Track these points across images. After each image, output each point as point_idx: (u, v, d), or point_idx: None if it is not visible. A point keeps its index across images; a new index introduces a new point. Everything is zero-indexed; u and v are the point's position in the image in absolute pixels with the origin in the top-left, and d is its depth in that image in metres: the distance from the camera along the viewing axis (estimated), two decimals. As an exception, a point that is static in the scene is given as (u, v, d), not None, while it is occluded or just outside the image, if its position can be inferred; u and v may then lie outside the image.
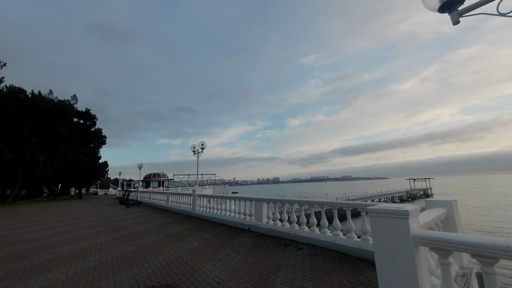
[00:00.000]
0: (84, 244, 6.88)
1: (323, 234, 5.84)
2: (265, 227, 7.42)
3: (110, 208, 17.65)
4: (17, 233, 8.98)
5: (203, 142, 12.23)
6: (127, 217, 12.33)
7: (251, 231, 7.89)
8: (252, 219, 8.19)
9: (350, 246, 5.09)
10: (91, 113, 38.89)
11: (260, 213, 7.79)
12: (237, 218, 8.82)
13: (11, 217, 14.18)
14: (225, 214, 9.57)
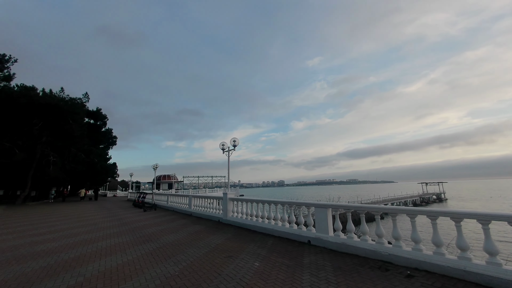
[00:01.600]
0: (112, 262, 5.44)
1: (440, 255, 4.28)
2: (335, 241, 5.89)
3: (126, 212, 16.32)
4: (28, 242, 7.63)
5: (235, 138, 10.82)
6: (150, 223, 10.92)
7: (312, 245, 6.36)
8: (312, 230, 6.66)
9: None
10: (102, 112, 38.02)
11: (325, 223, 6.27)
12: (289, 228, 7.30)
13: (21, 221, 12.94)
14: (271, 223, 8.06)
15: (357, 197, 51.68)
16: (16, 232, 9.54)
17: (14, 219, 13.85)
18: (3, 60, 24.31)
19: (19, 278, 4.56)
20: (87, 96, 28.81)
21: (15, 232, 9.55)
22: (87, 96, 28.82)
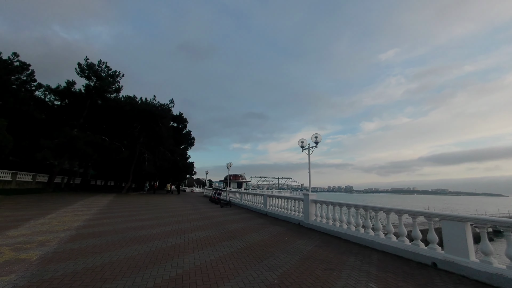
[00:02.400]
0: (205, 256, 5.30)
1: None
2: (484, 270, 4.20)
3: (205, 206, 17.38)
4: (133, 227, 8.52)
5: (317, 134, 9.83)
6: (230, 219, 11.02)
7: (440, 269, 4.79)
8: (436, 249, 5.07)
9: None
10: (183, 116, 42.94)
11: (461, 242, 4.63)
12: (399, 242, 5.82)
13: (127, 207, 15.20)
14: (370, 233, 6.71)
15: (477, 211, 42.00)
16: (124, 216, 11.06)
17: (122, 205, 16.46)
18: (115, 75, 30.21)
19: (128, 261, 4.80)
20: (173, 102, 32.99)
21: (124, 216, 11.07)
22: (173, 101, 33.01)
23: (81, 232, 7.20)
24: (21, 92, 28.53)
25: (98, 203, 16.82)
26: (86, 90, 28.93)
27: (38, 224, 8.21)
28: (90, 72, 28.55)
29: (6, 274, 3.90)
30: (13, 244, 5.65)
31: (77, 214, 10.87)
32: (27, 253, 5.05)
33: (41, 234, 6.82)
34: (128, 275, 4.08)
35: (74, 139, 23.45)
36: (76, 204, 15.48)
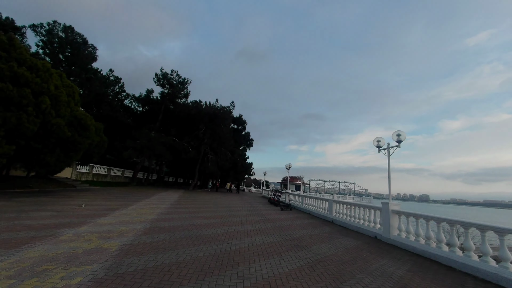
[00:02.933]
0: (273, 267, 4.69)
1: None
2: None
3: (264, 208, 17.08)
4: (199, 224, 8.65)
5: (400, 132, 8.15)
6: (292, 224, 10.25)
7: None
8: None
9: None
10: (242, 118, 44.39)
11: None
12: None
13: (194, 203, 16.12)
14: (490, 263, 4.94)
15: None
16: (191, 212, 11.56)
17: (189, 201, 17.61)
18: (184, 82, 33.35)
19: (194, 263, 4.58)
20: (233, 104, 34.41)
21: (191, 212, 11.59)
22: (233, 104, 34.42)
23: (154, 226, 7.61)
24: (114, 101, 34.37)
25: (170, 198, 18.44)
26: (161, 97, 32.84)
27: (121, 215, 9.17)
28: (164, 81, 32.27)
29: (90, 263, 4.12)
30: (100, 232, 6.24)
31: (152, 207, 11.92)
32: (109, 242, 5.43)
33: (122, 224, 7.48)
34: (194, 280, 3.79)
35: (151, 140, 26.71)
36: (152, 197, 17.29)
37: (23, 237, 5.28)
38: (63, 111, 13.64)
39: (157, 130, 30.77)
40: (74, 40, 30.32)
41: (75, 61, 30.03)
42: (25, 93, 11.06)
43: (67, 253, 4.50)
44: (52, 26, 28.62)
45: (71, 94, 15.95)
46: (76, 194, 15.25)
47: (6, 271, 3.56)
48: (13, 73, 10.91)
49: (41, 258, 4.17)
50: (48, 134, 12.35)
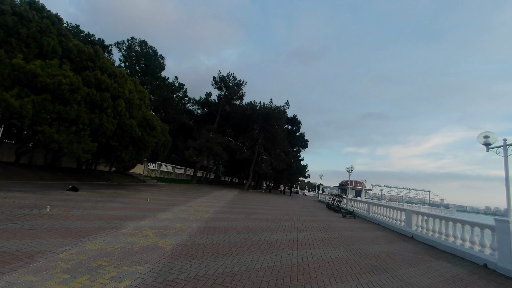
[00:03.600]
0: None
1: None
2: None
3: (323, 213, 15.55)
4: (253, 228, 8.01)
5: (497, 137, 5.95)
6: (361, 237, 8.69)
7: None
8: None
9: None
10: (297, 118, 42.95)
11: None
12: None
13: (247, 203, 15.80)
14: None
15: None
16: (246, 213, 11.12)
17: (244, 201, 17.43)
18: (239, 84, 34.15)
19: (251, 276, 3.85)
20: (287, 104, 33.41)
21: (246, 213, 11.15)
22: (287, 103, 33.43)
23: (209, 225, 7.30)
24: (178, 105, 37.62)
25: (225, 196, 18.65)
26: (218, 99, 34.37)
27: (180, 211, 9.27)
28: (221, 83, 33.66)
29: (141, 263, 3.81)
30: (158, 228, 6.16)
31: (208, 205, 11.96)
32: (165, 240, 5.20)
33: (179, 221, 7.39)
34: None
35: (209, 140, 27.99)
36: (209, 195, 17.75)
37: (92, 227, 5.50)
38: (135, 113, 15.11)
39: (214, 131, 32.21)
40: (147, 53, 34.41)
41: (147, 71, 34.03)
42: (105, 97, 12.55)
43: (123, 249, 4.35)
44: (130, 42, 33.04)
45: (142, 98, 17.71)
46: (145, 188, 16.74)
47: (65, 263, 3.48)
48: (97, 80, 12.51)
49: (99, 251, 4.09)
50: (122, 133, 13.79)
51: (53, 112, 10.55)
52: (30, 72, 9.75)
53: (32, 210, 6.31)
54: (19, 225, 4.92)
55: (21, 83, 9.85)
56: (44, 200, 7.85)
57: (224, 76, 33.92)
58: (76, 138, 11.42)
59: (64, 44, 12.55)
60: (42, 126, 10.26)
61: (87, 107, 12.06)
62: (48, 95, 10.27)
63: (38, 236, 4.41)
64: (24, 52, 10.68)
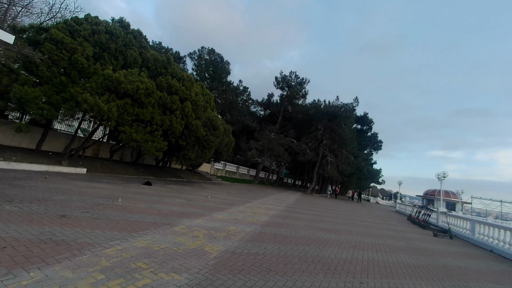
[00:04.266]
0: None
1: None
2: None
3: (404, 228, 12.79)
4: (316, 239, 6.85)
5: None
6: (469, 268, 6.36)
7: None
8: None
9: None
10: (368, 117, 38.34)
11: None
12: None
13: (312, 209, 14.48)
14: None
15: None
16: (308, 220, 9.95)
17: (306, 205, 16.13)
18: (302, 83, 32.78)
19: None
20: (357, 100, 29.97)
21: (307, 219, 9.99)
22: (357, 100, 29.99)
23: (264, 231, 6.56)
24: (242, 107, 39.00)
25: (286, 199, 17.74)
26: (280, 99, 33.86)
27: (237, 211, 8.90)
28: (283, 83, 33.02)
29: (181, 271, 3.34)
30: (210, 229, 5.79)
31: (267, 208, 11.31)
32: (213, 244, 4.71)
33: (233, 222, 6.93)
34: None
35: (271, 141, 27.66)
36: (269, 197, 17.19)
37: (148, 222, 5.52)
38: (201, 114, 15.94)
39: (276, 132, 31.78)
40: (215, 60, 36.98)
41: (214, 76, 36.51)
42: (174, 99, 13.57)
43: (168, 250, 4.02)
44: (200, 51, 36.11)
45: (208, 100, 18.69)
46: (209, 186, 17.50)
47: (107, 260, 3.30)
48: (168, 84, 13.66)
49: (144, 250, 3.85)
50: (189, 133, 14.67)
51: (132, 114, 11.95)
52: (116, 80, 11.27)
53: (107, 200, 6.93)
54: (89, 214, 5.29)
55: (109, 90, 11.51)
56: (121, 192, 8.72)
57: (286, 75, 33.19)
58: (150, 137, 12.67)
59: (143, 54, 14.23)
60: (124, 127, 11.73)
61: (160, 110, 13.27)
62: (129, 99, 11.68)
63: (98, 227, 4.55)
64: (113, 64, 12.52)
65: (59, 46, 10.55)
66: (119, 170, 14.74)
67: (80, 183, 8.95)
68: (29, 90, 9.74)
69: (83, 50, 11.21)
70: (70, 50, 10.77)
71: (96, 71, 11.56)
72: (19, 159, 10.42)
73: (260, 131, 32.00)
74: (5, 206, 4.76)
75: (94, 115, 11.11)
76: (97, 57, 12.14)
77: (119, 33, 12.81)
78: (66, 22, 11.89)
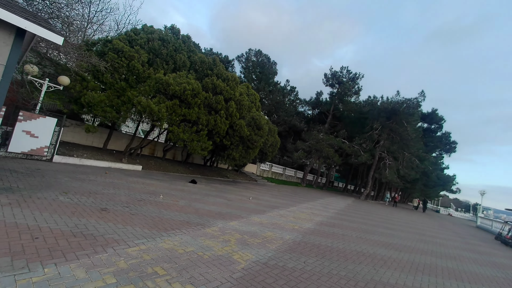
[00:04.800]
0: None
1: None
2: None
3: (492, 250, 10.10)
4: (370, 255, 5.69)
5: None
6: None
7: None
8: None
9: None
10: (437, 114, 32.80)
11: None
12: None
13: (364, 218, 12.80)
14: None
15: None
16: (360, 230, 8.63)
17: (359, 214, 14.38)
18: (355, 78, 30.03)
19: None
20: (423, 95, 25.76)
21: (359, 230, 8.68)
22: (423, 94, 25.77)
23: (306, 240, 5.75)
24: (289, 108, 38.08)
25: (336, 205, 16.20)
26: (330, 97, 31.74)
27: (278, 215, 8.25)
28: (333, 80, 30.85)
29: (197, 283, 2.89)
30: (244, 233, 5.30)
31: (313, 213, 10.32)
32: (243, 252, 4.18)
33: (272, 227, 6.31)
34: None
35: (319, 142, 26.03)
36: (316, 201, 15.96)
37: (181, 220, 5.35)
38: (245, 114, 15.83)
39: (325, 132, 29.86)
40: (262, 61, 37.09)
41: (261, 77, 36.59)
42: (219, 99, 13.73)
43: (192, 255, 3.65)
44: (248, 53, 36.67)
45: (253, 101, 18.54)
46: (253, 187, 17.25)
47: (126, 260, 3.08)
48: (213, 85, 13.92)
49: (167, 253, 3.56)
50: (233, 133, 14.67)
51: (180, 115, 12.49)
52: (165, 82, 11.93)
53: (150, 196, 7.13)
54: (128, 209, 5.39)
55: (160, 92, 12.27)
56: (166, 188, 9.03)
57: (336, 71, 30.91)
58: (196, 137, 13.05)
59: (192, 58, 14.85)
60: (172, 127, 12.33)
61: (205, 110, 13.60)
62: (177, 100, 12.24)
63: (131, 223, 4.52)
64: (164, 68, 13.36)
65: (119, 54, 11.72)
66: (170, 168, 15.70)
67: (132, 179, 9.62)
68: (95, 95, 11.03)
69: (139, 56, 12.23)
70: (128, 57, 11.86)
71: (150, 75, 12.48)
72: (89, 156, 11.90)
73: (307, 131, 30.55)
74: (59, 197, 5.17)
75: (146, 116, 11.97)
76: (151, 62, 13.12)
77: (169, 39, 13.63)
78: (127, 33, 13.20)
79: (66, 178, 7.16)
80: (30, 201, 4.48)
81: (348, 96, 30.53)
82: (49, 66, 11.90)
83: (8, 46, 4.24)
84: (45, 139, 9.78)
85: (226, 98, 14.33)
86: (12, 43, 4.27)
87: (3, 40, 4.17)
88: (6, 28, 4.17)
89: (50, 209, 4.31)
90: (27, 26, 4.22)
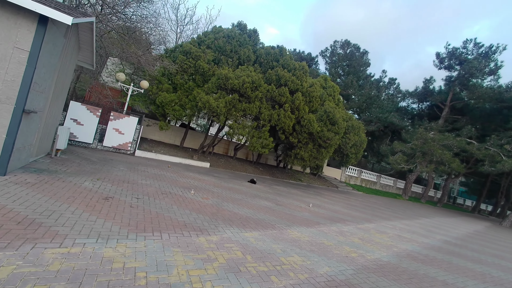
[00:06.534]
0: None
1: None
2: None
3: None
4: None
5: None
6: None
7: None
8: None
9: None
10: None
11: None
12: None
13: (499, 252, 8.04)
14: None
15: None
16: (475, 277, 5.04)
17: (489, 248, 9.32)
18: (488, 53, 21.17)
19: None
20: None
21: (473, 276, 5.09)
22: None
23: (354, 282, 3.44)
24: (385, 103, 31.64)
25: (450, 229, 11.30)
26: (445, 84, 23.86)
27: (335, 232, 5.93)
28: (451, 60, 22.98)
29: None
30: (248, 253, 3.65)
31: (399, 236, 7.13)
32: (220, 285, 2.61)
33: (308, 249, 4.29)
34: None
35: (428, 142, 19.76)
36: (415, 220, 11.66)
37: (180, 221, 4.31)
38: (317, 107, 13.64)
39: (439, 130, 22.56)
40: (350, 52, 32.73)
41: (349, 71, 32.22)
42: (283, 91, 12.29)
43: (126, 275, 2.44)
44: (333, 46, 33.26)
45: (332, 94, 15.97)
46: (329, 193, 14.60)
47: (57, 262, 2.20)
48: (277, 76, 12.63)
49: (91, 265, 2.50)
50: (301, 129, 12.81)
51: (240, 110, 11.89)
52: (225, 76, 11.65)
53: (182, 191, 6.55)
54: (137, 201, 4.85)
55: (220, 88, 12.12)
56: (216, 186, 8.39)
57: (456, 48, 22.88)
58: (257, 133, 12.09)
59: (257, 52, 14.15)
60: (231, 122, 11.88)
61: (268, 104, 12.47)
62: (236, 94, 11.72)
63: (112, 217, 3.82)
64: (229, 64, 13.23)
65: (187, 55, 12.39)
66: (238, 167, 15.46)
67: (189, 173, 9.60)
68: (167, 95, 12.00)
69: (205, 56, 12.56)
70: (195, 57, 12.37)
71: (215, 73, 12.60)
72: (165, 152, 13.09)
73: (410, 129, 24.08)
74: (85, 182, 5.21)
75: (206, 112, 12.04)
76: (217, 61, 13.29)
77: (234, 35, 13.44)
78: (198, 36, 13.98)
79: (122, 168, 7.64)
80: (49, 183, 4.57)
81: (478, 78, 21.82)
82: (135, 73, 14.02)
83: (32, 33, 4.49)
84: (129, 135, 11.27)
85: (292, 90, 12.70)
86: (35, 30, 4.51)
87: (27, 27, 4.44)
88: (29, 16, 4.42)
89: (52, 192, 4.19)
90: (46, 12, 4.35)
